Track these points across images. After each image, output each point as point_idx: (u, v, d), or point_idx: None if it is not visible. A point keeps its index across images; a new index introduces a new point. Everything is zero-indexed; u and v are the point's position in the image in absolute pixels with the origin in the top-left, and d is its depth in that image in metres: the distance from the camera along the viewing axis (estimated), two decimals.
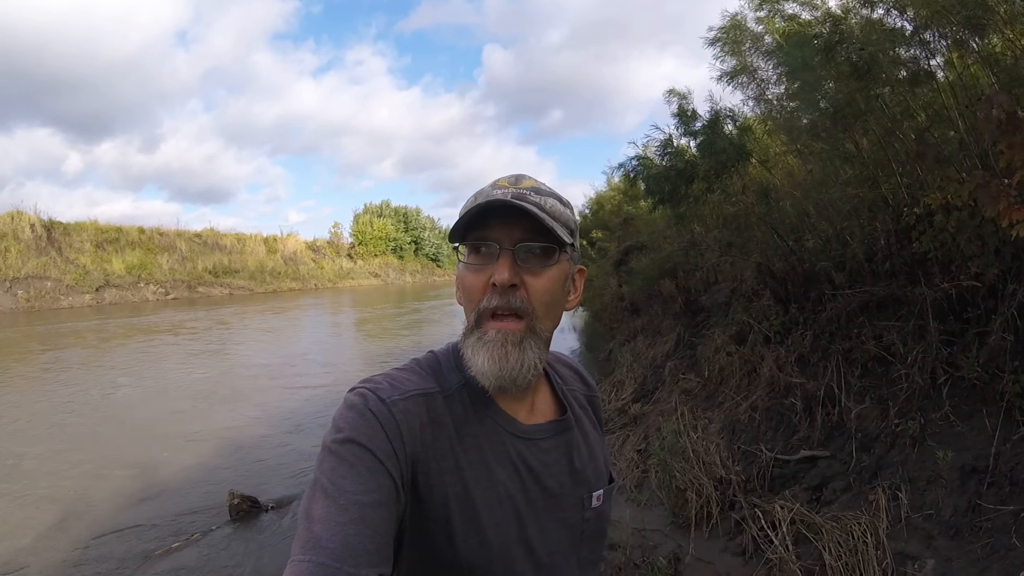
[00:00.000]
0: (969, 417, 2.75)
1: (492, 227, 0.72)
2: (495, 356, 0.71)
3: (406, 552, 0.69)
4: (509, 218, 0.72)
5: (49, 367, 10.37)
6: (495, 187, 0.76)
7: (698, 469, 3.75)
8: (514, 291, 0.72)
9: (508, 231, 0.72)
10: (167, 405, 7.80)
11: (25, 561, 3.75)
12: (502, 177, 0.78)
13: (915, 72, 3.58)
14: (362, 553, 0.57)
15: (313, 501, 0.60)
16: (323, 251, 42.85)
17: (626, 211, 10.42)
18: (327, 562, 0.55)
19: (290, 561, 0.57)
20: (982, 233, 2.87)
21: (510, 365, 0.71)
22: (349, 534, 0.57)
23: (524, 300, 0.73)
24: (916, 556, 2.42)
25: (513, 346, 0.71)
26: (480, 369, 0.72)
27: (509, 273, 0.71)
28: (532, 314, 0.73)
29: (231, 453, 5.89)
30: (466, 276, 0.75)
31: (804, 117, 4.36)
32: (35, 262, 22.85)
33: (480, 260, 0.74)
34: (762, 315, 4.91)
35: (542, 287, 0.74)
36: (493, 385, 0.72)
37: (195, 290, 28.71)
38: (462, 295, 0.77)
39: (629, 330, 9.11)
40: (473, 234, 0.74)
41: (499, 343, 0.71)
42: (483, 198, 0.73)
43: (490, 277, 0.72)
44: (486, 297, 0.72)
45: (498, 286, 0.71)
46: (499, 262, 0.72)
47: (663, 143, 5.68)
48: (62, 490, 4.90)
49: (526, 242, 0.73)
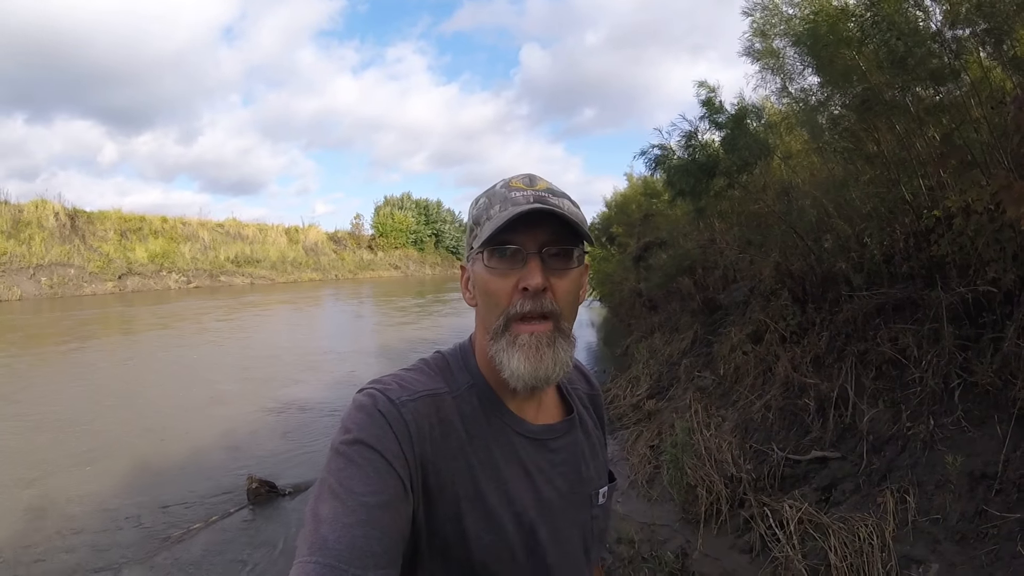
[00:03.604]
0: (980, 423, 2.74)
1: (517, 231, 0.72)
2: (530, 358, 0.71)
3: (424, 553, 0.69)
4: (533, 222, 0.72)
5: (74, 353, 10.69)
6: (511, 189, 0.76)
7: (709, 466, 3.78)
8: (544, 294, 0.72)
9: (533, 235, 0.72)
10: (187, 390, 8.00)
11: (46, 542, 3.85)
12: (514, 178, 0.78)
13: (940, 69, 3.53)
14: (369, 555, 0.57)
15: (320, 502, 0.61)
16: (344, 242, 43.34)
17: (646, 207, 10.38)
18: (334, 563, 0.55)
19: (296, 561, 0.57)
20: (1001, 238, 2.85)
21: (545, 365, 0.72)
22: (356, 535, 0.57)
23: (552, 302, 0.73)
24: (921, 560, 2.43)
25: (547, 347, 0.72)
26: (514, 370, 0.71)
27: (541, 278, 0.71)
28: (559, 315, 0.74)
29: (250, 438, 6.00)
30: (490, 281, 0.74)
31: (833, 107, 4.26)
32: (59, 250, 23.34)
33: (505, 264, 0.73)
34: (779, 314, 4.90)
35: (567, 288, 0.74)
36: (526, 386, 0.72)
37: (217, 279, 29.20)
38: (482, 299, 0.76)
39: (646, 326, 9.12)
40: (496, 238, 0.72)
41: (533, 346, 0.71)
42: (510, 204, 0.73)
43: (517, 282, 0.72)
44: (516, 303, 0.72)
45: (530, 291, 0.71)
46: (528, 267, 0.72)
47: (687, 135, 5.61)
48: (80, 472, 5.03)
49: (552, 245, 0.73)
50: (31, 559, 3.64)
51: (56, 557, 3.67)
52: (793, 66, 4.50)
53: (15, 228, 22.82)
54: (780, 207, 4.91)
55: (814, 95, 4.45)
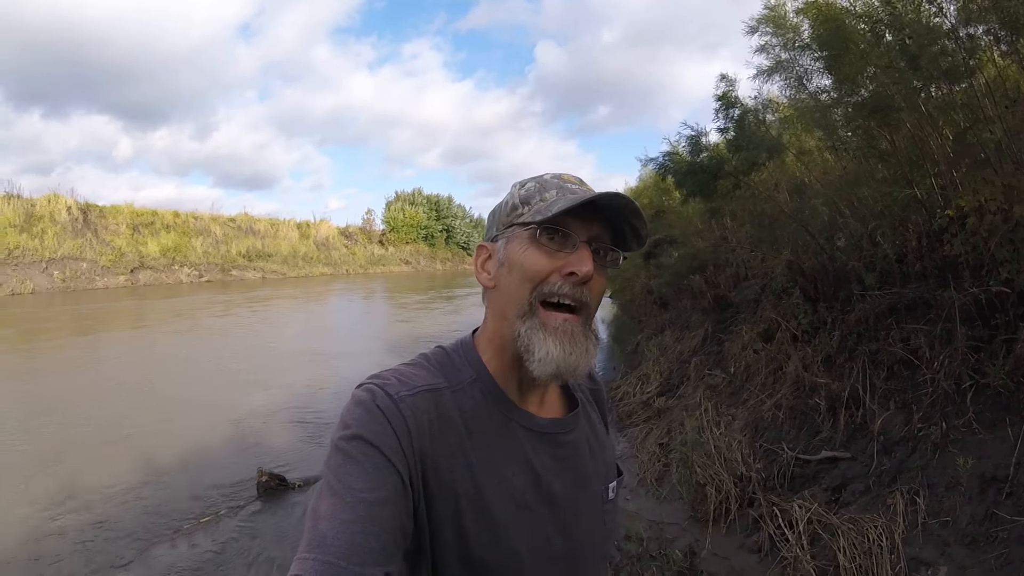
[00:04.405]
0: (992, 425, 2.72)
1: (571, 219, 0.72)
2: (564, 343, 0.71)
3: (427, 551, 0.68)
4: (590, 214, 0.73)
5: (89, 346, 10.85)
6: (564, 181, 0.77)
7: (719, 465, 3.78)
8: (586, 285, 0.73)
9: (586, 226, 0.73)
10: (202, 382, 8.12)
11: (56, 536, 3.89)
12: (565, 174, 0.79)
13: (953, 68, 3.50)
14: (368, 551, 0.57)
15: (320, 499, 0.61)
16: (355, 237, 43.50)
17: (657, 203, 10.34)
18: (333, 560, 0.56)
19: (296, 558, 0.57)
20: (1014, 238, 2.83)
21: (578, 352, 0.72)
22: (355, 532, 0.58)
23: (588, 294, 0.74)
24: (930, 562, 2.43)
25: (582, 337, 0.73)
26: (547, 353, 0.71)
27: (592, 266, 0.72)
28: (590, 309, 0.75)
29: (261, 431, 6.07)
30: (536, 258, 0.73)
31: (843, 105, 4.25)
32: (71, 244, 23.55)
33: (555, 245, 0.73)
34: (790, 313, 4.88)
35: (601, 285, 0.76)
36: (552, 373, 0.71)
37: (228, 273, 29.44)
38: (517, 274, 0.75)
39: (657, 323, 9.09)
40: (556, 219, 0.72)
41: (568, 332, 0.72)
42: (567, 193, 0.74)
43: (563, 265, 0.72)
44: (555, 284, 0.72)
45: (579, 277, 0.72)
46: (579, 253, 0.72)
47: (691, 139, 5.72)
48: (93, 463, 5.11)
49: (602, 241, 0.75)
50: (41, 553, 3.68)
51: (66, 550, 3.72)
52: (806, 69, 4.49)
53: (28, 222, 23.07)
54: (792, 205, 4.89)
55: (827, 93, 4.43)
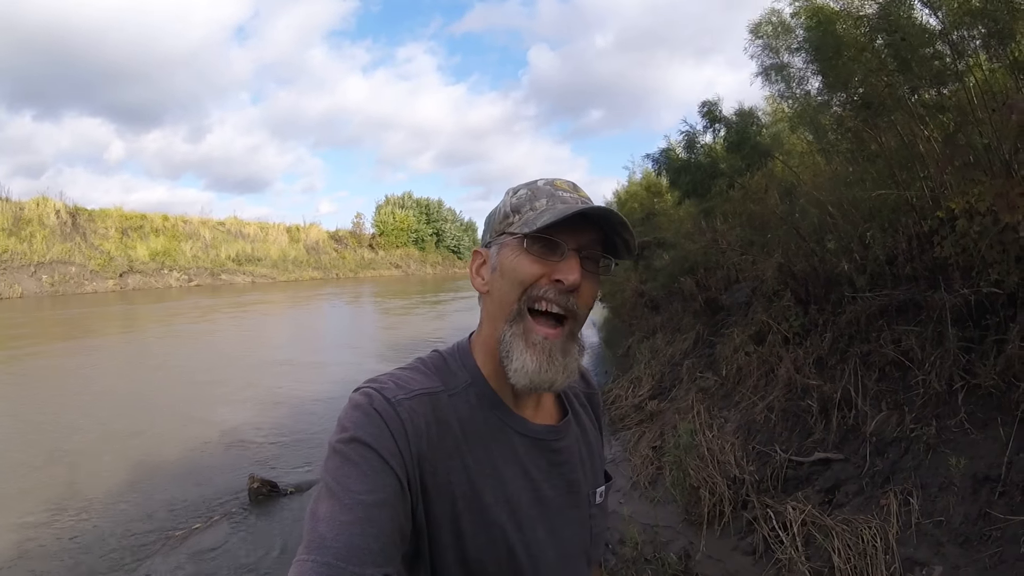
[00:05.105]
0: (984, 425, 2.74)
1: (561, 228, 0.72)
2: (541, 360, 0.72)
3: (425, 552, 0.69)
4: (579, 223, 0.73)
5: (72, 353, 10.70)
6: (556, 188, 0.77)
7: (712, 468, 3.78)
8: (573, 294, 0.74)
9: (575, 235, 0.73)
10: (191, 388, 8.03)
11: (46, 540, 3.87)
12: (559, 180, 0.80)
13: (942, 71, 3.53)
14: (367, 553, 0.57)
15: (319, 501, 0.61)
16: (345, 241, 43.41)
17: (648, 205, 10.36)
18: (332, 562, 0.56)
19: (295, 560, 0.57)
20: (1004, 240, 2.85)
21: (553, 369, 0.73)
22: (354, 534, 0.58)
23: (575, 302, 0.74)
24: (924, 562, 2.44)
25: (559, 354, 0.74)
26: (522, 365, 0.72)
27: (580, 275, 0.73)
28: (577, 317, 0.75)
29: (252, 437, 6.02)
30: (523, 263, 0.74)
31: (835, 107, 4.27)
32: (60, 247, 23.44)
33: (543, 253, 0.74)
34: (782, 316, 4.90)
35: (591, 293, 0.76)
36: (527, 386, 0.73)
37: (218, 277, 29.30)
38: (507, 279, 0.76)
39: (648, 327, 9.09)
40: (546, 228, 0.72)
41: (546, 351, 0.73)
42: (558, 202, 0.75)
43: (551, 272, 0.73)
44: (542, 288, 0.73)
45: (565, 285, 0.72)
46: (568, 262, 0.73)
47: (687, 136, 5.78)
48: (84, 469, 5.06)
49: (591, 249, 0.75)
50: (30, 563, 3.62)
51: (57, 559, 3.67)
52: (799, 72, 4.52)
53: (16, 226, 22.89)
54: (783, 208, 4.92)
55: (818, 96, 4.46)
